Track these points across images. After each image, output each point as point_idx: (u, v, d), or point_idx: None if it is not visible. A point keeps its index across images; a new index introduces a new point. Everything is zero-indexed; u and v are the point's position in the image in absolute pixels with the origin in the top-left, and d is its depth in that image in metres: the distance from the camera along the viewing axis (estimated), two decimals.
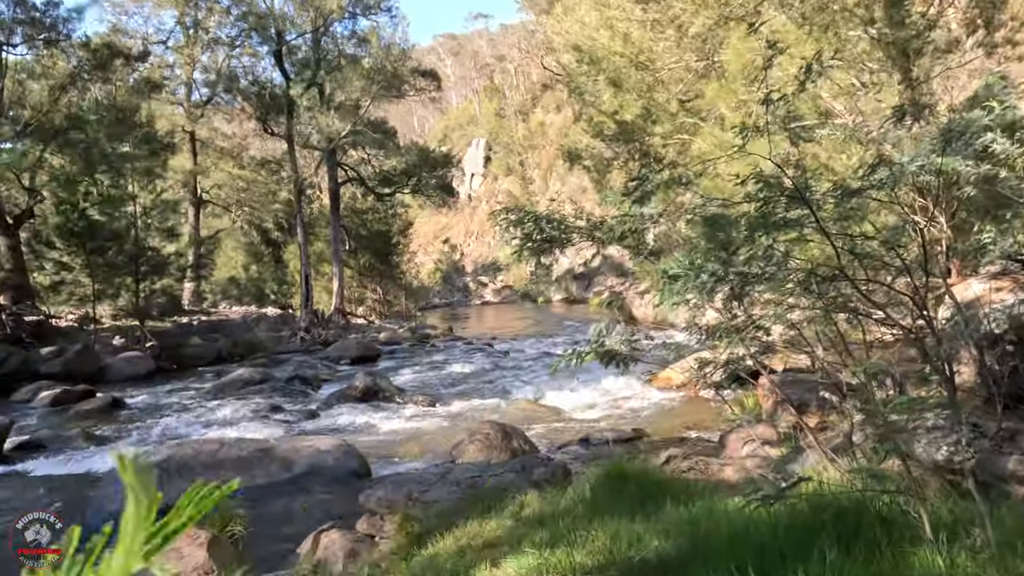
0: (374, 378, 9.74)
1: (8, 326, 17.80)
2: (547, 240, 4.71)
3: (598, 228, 4.60)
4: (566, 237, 4.75)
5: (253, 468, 5.79)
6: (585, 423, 8.01)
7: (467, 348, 19.35)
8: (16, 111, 20.20)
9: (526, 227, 4.58)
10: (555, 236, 4.69)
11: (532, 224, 4.59)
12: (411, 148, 27.52)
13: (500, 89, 72.59)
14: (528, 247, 4.77)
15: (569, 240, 4.82)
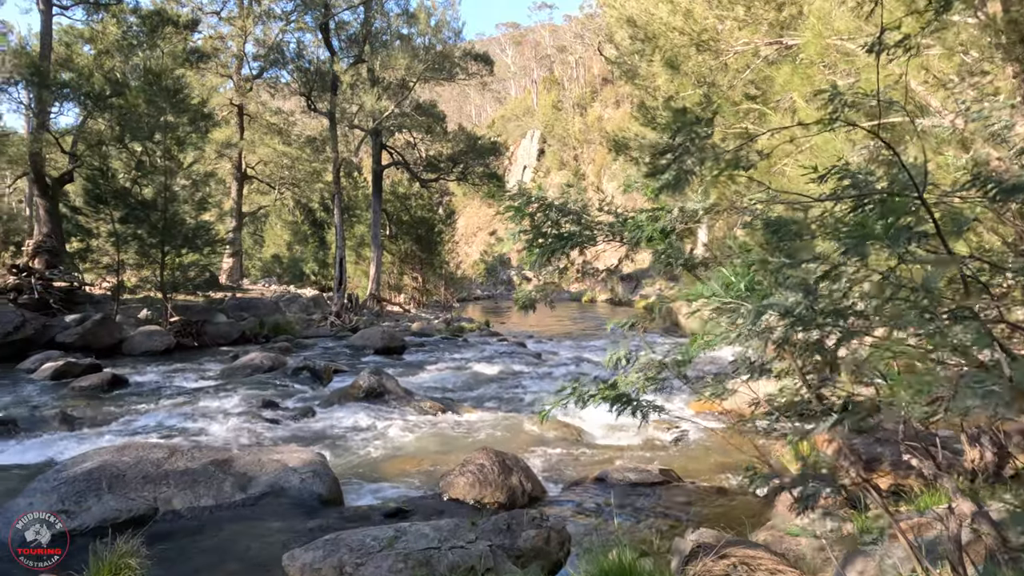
0: (380, 377, 8.80)
1: (36, 291, 17.51)
2: (561, 237, 3.64)
3: (624, 226, 3.51)
4: (588, 235, 3.68)
5: (201, 485, 4.88)
6: (607, 451, 6.91)
7: (499, 346, 18.36)
8: (61, 74, 19.97)
9: (536, 217, 3.53)
10: (572, 233, 3.62)
11: (542, 214, 3.53)
12: (459, 134, 26.59)
13: (559, 81, 71.38)
14: (538, 244, 3.71)
15: (592, 239, 3.75)
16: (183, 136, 16.81)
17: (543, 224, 3.61)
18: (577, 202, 3.67)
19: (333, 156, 22.66)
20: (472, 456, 5.18)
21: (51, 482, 4.62)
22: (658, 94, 11.33)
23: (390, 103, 21.57)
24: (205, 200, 18.87)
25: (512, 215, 3.72)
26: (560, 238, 3.63)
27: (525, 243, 3.79)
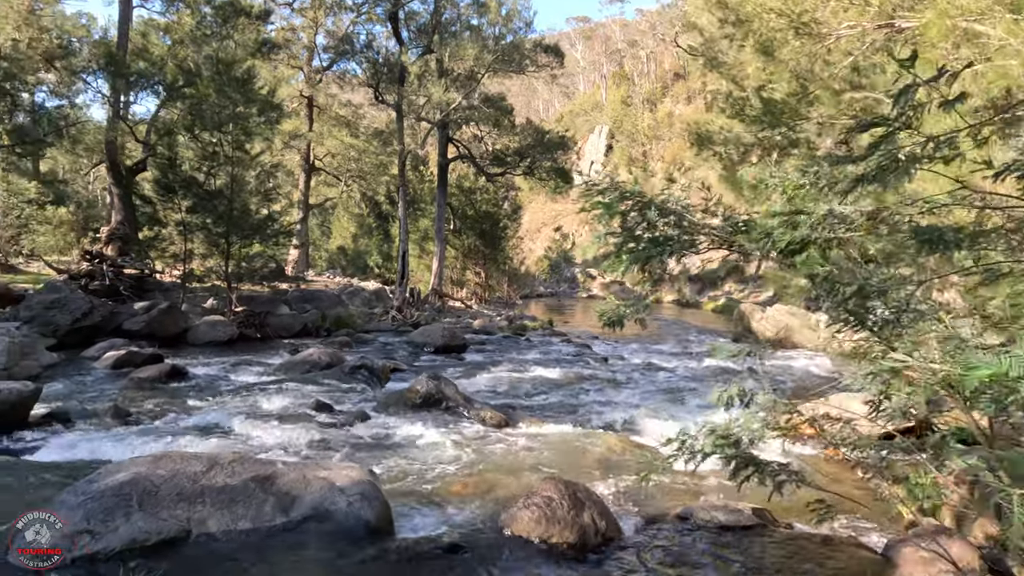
0: (439, 383, 8.28)
1: (107, 277, 17.78)
2: (659, 242, 2.98)
3: (742, 231, 2.82)
4: (688, 239, 3.02)
5: (239, 504, 4.42)
6: (685, 478, 6.19)
7: (563, 347, 17.72)
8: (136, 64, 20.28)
9: (629, 218, 2.88)
10: (672, 237, 2.96)
11: (638, 214, 2.88)
12: (526, 128, 26.00)
13: (629, 76, 70.04)
14: (629, 250, 3.06)
15: (692, 244, 3.08)
16: (252, 126, 16.73)
17: (637, 226, 2.96)
18: (679, 200, 3.01)
19: (399, 149, 22.39)
20: (539, 487, 4.57)
21: (79, 496, 4.24)
22: (746, 83, 10.48)
23: (458, 95, 21.13)
24: (272, 191, 18.83)
25: (600, 213, 3.08)
26: (656, 243, 2.97)
27: (613, 247, 3.15)
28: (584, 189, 2.94)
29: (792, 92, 8.80)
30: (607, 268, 3.44)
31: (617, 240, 2.99)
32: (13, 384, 7.46)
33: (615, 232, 3.17)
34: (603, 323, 3.35)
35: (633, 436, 7.75)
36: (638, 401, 10.39)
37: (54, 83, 22.84)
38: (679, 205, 2.90)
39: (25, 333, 12.06)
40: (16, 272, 20.27)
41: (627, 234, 2.99)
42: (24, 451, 6.51)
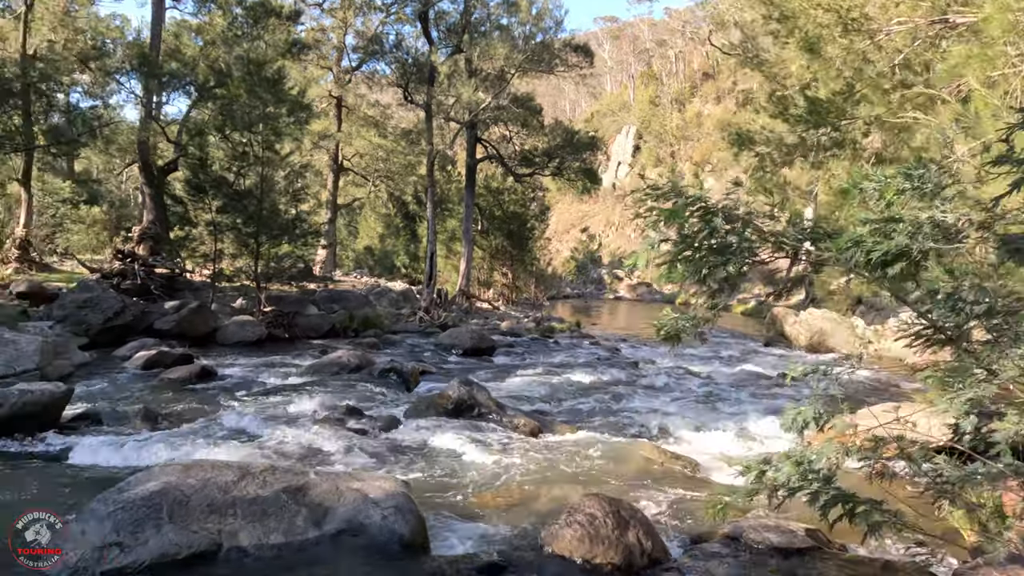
0: (470, 389, 8.12)
1: (139, 276, 17.90)
2: (720, 250, 2.76)
3: (818, 239, 2.59)
4: (748, 247, 2.80)
5: (271, 517, 4.28)
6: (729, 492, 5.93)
7: (592, 350, 17.48)
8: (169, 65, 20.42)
9: (689, 224, 2.67)
10: (730, 245, 2.74)
11: (699, 219, 2.67)
12: (556, 128, 25.77)
13: (657, 76, 69.48)
14: (686, 259, 2.85)
15: (752, 252, 2.86)
16: (282, 127, 16.73)
17: (699, 233, 2.74)
18: (742, 204, 2.79)
19: (428, 149, 22.30)
20: (581, 503, 4.37)
21: (109, 505, 4.12)
22: (789, 82, 10.16)
23: (487, 95, 20.99)
24: (301, 191, 18.83)
25: (656, 220, 2.87)
26: (718, 252, 2.75)
27: (669, 255, 2.93)
28: (640, 194, 2.73)
29: (838, 90, 8.49)
30: (661, 279, 3.22)
31: (675, 249, 2.78)
32: (46, 385, 7.44)
33: (670, 239, 2.96)
34: (661, 337, 3.14)
35: (670, 446, 7.51)
36: (671, 408, 10.14)
37: (88, 84, 23.14)
38: (745, 211, 2.68)
39: (58, 332, 12.13)
40: (51, 271, 20.52)
41: (685, 242, 2.77)
42: (56, 454, 6.46)
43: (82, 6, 24.30)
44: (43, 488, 5.42)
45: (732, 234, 2.62)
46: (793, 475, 2.30)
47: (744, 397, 11.61)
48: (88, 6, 24.74)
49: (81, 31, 23.03)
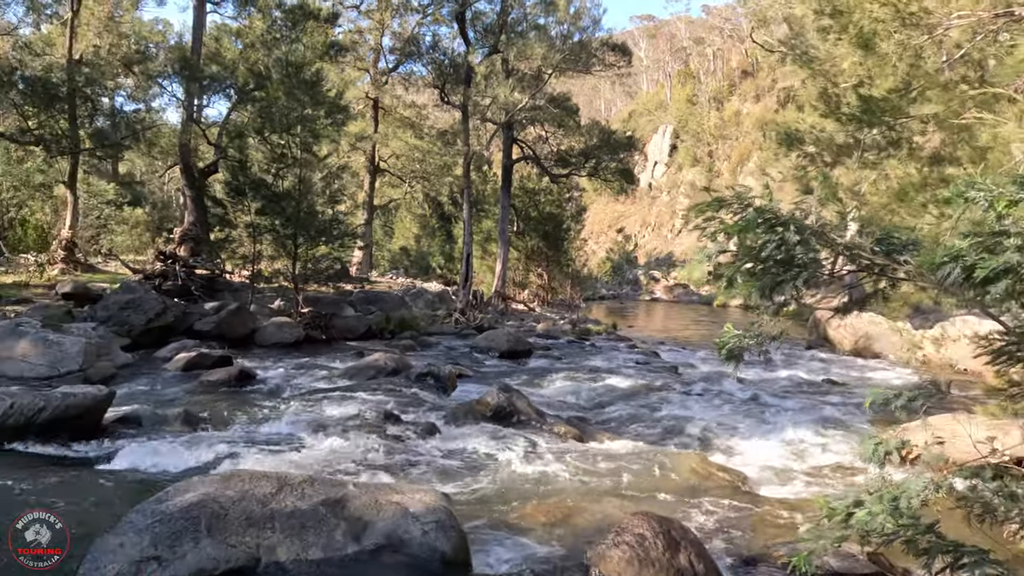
0: (510, 395, 7.97)
1: (180, 277, 18.12)
2: (787, 264, 2.56)
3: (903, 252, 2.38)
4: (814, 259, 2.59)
5: (310, 531, 4.18)
6: (781, 509, 5.70)
7: (630, 354, 17.21)
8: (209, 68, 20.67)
9: (758, 237, 2.47)
10: (798, 258, 2.54)
11: (769, 232, 2.47)
12: (592, 128, 25.51)
13: (695, 74, 68.58)
14: (748, 271, 2.66)
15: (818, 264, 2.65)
16: (320, 128, 16.79)
17: (766, 246, 2.54)
18: (814, 213, 2.58)
19: (464, 150, 22.23)
20: (629, 522, 4.18)
21: (147, 517, 4.06)
22: (840, 80, 9.81)
23: (523, 95, 20.83)
24: (339, 192, 18.89)
25: (715, 231, 2.68)
26: (787, 265, 2.55)
27: (731, 269, 2.74)
28: (698, 203, 2.54)
29: (893, 88, 8.14)
30: (721, 294, 3.02)
31: (738, 262, 2.58)
32: (88, 388, 7.48)
33: (726, 250, 2.76)
34: (723, 358, 2.95)
35: (716, 457, 7.27)
36: (714, 416, 9.87)
37: (132, 88, 23.57)
38: (818, 222, 2.47)
39: (101, 334, 12.29)
40: (95, 271, 20.93)
41: (748, 253, 2.58)
42: (97, 458, 6.47)
43: (126, 11, 24.78)
44: (83, 494, 5.41)
45: (801, 246, 2.42)
46: (885, 519, 2.08)
47: (789, 404, 11.27)
48: (132, 11, 25.22)
49: (125, 36, 23.48)
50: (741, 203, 2.46)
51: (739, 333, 2.85)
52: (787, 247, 2.47)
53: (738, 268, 2.58)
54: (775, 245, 2.48)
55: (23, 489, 5.26)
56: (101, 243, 26.46)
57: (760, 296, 2.54)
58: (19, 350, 10.12)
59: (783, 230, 2.36)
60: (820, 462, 7.40)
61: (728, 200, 2.43)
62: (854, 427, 9.48)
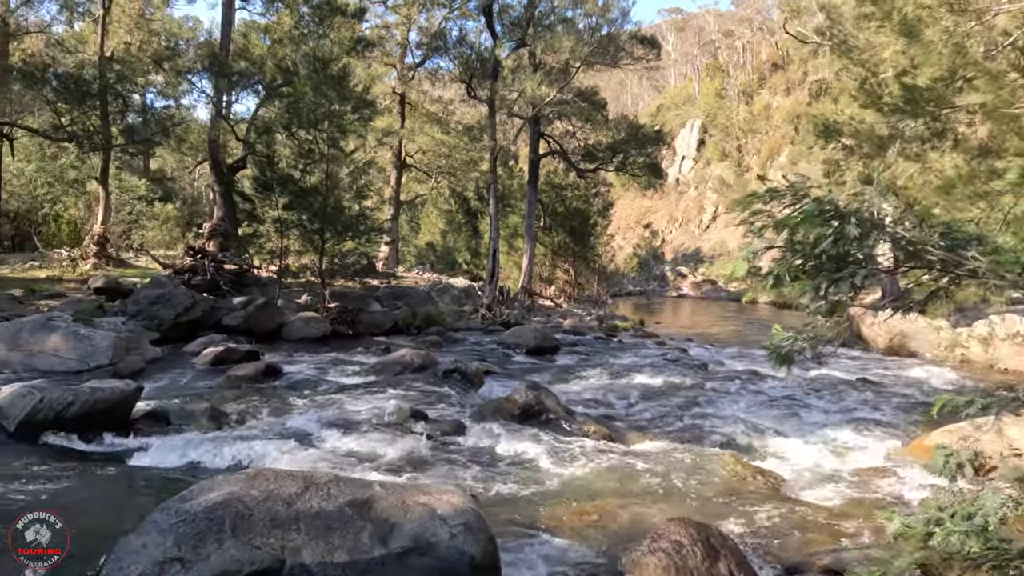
0: (538, 393, 7.83)
1: (209, 272, 18.24)
2: (843, 261, 2.38)
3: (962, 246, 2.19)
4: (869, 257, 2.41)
5: (335, 533, 4.07)
6: (820, 513, 5.48)
7: (658, 351, 16.98)
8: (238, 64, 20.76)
9: (813, 231, 2.29)
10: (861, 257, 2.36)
11: (825, 225, 2.28)
12: (620, 122, 25.23)
13: (723, 68, 67.71)
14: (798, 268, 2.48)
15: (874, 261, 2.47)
16: (347, 124, 16.77)
17: (821, 240, 2.36)
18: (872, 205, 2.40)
19: (491, 144, 22.09)
20: (666, 528, 4.02)
21: (171, 517, 3.98)
22: (881, 69, 9.48)
23: (551, 89, 20.63)
24: (365, 188, 18.87)
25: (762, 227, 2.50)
26: (843, 261, 2.37)
27: (780, 266, 2.55)
28: (749, 195, 2.36)
29: (938, 77, 7.82)
30: (766, 289, 2.83)
31: (788, 258, 2.40)
32: (116, 383, 7.49)
33: (778, 246, 2.58)
34: (774, 363, 2.77)
35: (751, 458, 7.05)
36: (748, 415, 9.62)
37: (162, 84, 23.78)
38: (879, 214, 2.29)
39: (131, 328, 12.39)
40: (127, 266, 21.17)
41: (803, 249, 2.40)
42: (124, 453, 6.46)
43: (157, 9, 25.02)
44: (108, 490, 5.38)
45: (860, 240, 2.23)
46: (970, 540, 1.90)
47: (823, 404, 11.00)
48: (163, 8, 25.46)
49: (155, 33, 23.71)
50: (795, 194, 2.29)
51: (791, 335, 2.66)
52: (845, 241, 2.29)
53: (789, 264, 2.40)
54: (831, 240, 2.30)
55: (50, 484, 5.23)
56: (132, 238, 26.78)
57: (814, 295, 2.36)
58: (50, 344, 10.21)
59: (842, 223, 2.18)
60: (860, 464, 7.15)
61: (781, 191, 2.25)
62: (894, 428, 9.19)
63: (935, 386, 13.49)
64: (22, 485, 5.05)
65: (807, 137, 17.89)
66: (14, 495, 4.80)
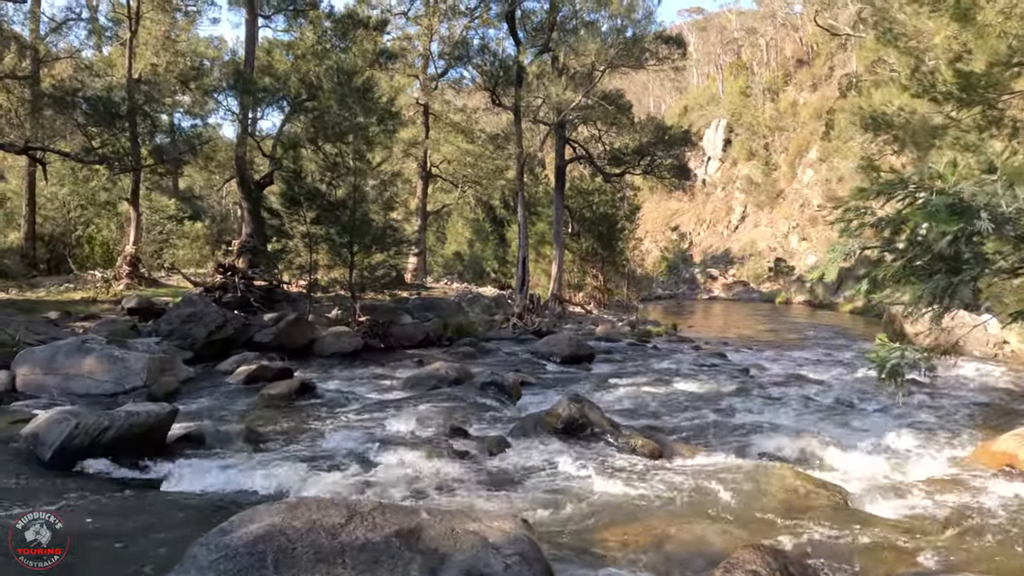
0: (582, 406, 7.53)
1: (239, 289, 18.25)
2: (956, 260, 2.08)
3: None
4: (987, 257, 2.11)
5: (383, 566, 3.83)
6: (889, 529, 5.12)
7: (695, 356, 16.61)
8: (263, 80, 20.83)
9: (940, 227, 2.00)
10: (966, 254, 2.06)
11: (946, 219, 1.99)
12: (647, 124, 24.90)
13: (747, 66, 66.95)
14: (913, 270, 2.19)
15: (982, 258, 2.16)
16: (372, 136, 16.68)
17: (936, 239, 2.06)
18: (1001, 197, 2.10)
19: (517, 152, 21.90)
20: (740, 556, 3.71)
21: (211, 552, 3.78)
22: (929, 56, 9.07)
23: (576, 93, 20.38)
24: (392, 199, 18.78)
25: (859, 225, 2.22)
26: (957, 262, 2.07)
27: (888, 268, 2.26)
28: (859, 191, 2.08)
29: (995, 62, 7.39)
30: (862, 293, 2.54)
31: (906, 257, 2.12)
32: (151, 406, 7.36)
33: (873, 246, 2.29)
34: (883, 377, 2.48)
35: (810, 471, 6.69)
36: (798, 423, 9.25)
37: (188, 104, 23.97)
38: (1010, 206, 1.99)
39: (164, 348, 12.34)
40: (158, 285, 21.30)
41: (916, 249, 2.11)
42: (161, 479, 6.29)
43: (182, 30, 25.28)
44: (148, 519, 5.20)
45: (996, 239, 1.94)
46: None
47: (875, 408, 10.57)
48: (188, 30, 25.72)
49: (181, 54, 23.92)
50: (918, 187, 2.00)
51: (899, 347, 2.37)
52: (964, 239, 2.00)
53: (900, 264, 2.11)
54: (951, 238, 2.00)
55: (90, 515, 5.07)
56: (163, 257, 27.02)
57: (931, 299, 2.07)
58: (86, 367, 10.15)
59: (968, 218, 1.89)
60: (926, 474, 6.75)
61: (897, 184, 1.97)
62: (954, 433, 8.76)
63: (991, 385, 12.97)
64: (62, 516, 4.88)
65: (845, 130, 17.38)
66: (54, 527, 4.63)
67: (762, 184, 55.45)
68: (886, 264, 2.20)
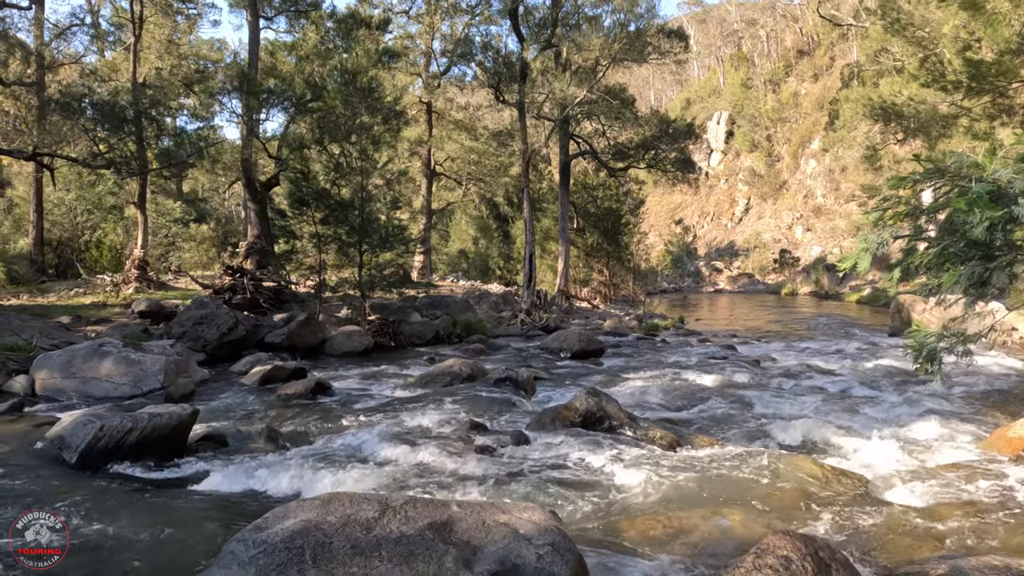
0: (599, 399, 7.59)
1: (248, 290, 18.33)
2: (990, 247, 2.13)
3: None
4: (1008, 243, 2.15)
5: (418, 559, 3.90)
6: (913, 515, 5.17)
7: (704, 349, 16.65)
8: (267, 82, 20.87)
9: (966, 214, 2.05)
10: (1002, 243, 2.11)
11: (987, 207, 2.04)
12: (650, 118, 24.89)
13: (748, 57, 66.80)
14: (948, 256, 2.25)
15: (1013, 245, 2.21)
16: (377, 135, 16.73)
17: (970, 228, 2.12)
18: None
19: (522, 148, 21.91)
20: (771, 543, 3.76)
21: (249, 548, 3.85)
22: (938, 46, 9.08)
23: (580, 88, 20.40)
24: (398, 198, 18.83)
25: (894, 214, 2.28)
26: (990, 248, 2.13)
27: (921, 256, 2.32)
28: (897, 179, 2.13)
29: (1007, 49, 7.40)
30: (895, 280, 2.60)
31: (942, 244, 2.17)
32: (173, 408, 7.42)
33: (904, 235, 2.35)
34: (919, 363, 2.53)
35: (828, 459, 6.75)
36: (811, 412, 9.29)
37: (193, 107, 24.04)
38: None
39: (178, 350, 12.41)
40: (167, 288, 21.39)
41: (955, 236, 2.16)
42: (186, 480, 6.37)
43: (185, 33, 25.33)
44: (178, 520, 5.26)
45: None
46: None
47: (886, 396, 10.61)
48: (190, 33, 25.77)
49: (185, 57, 23.99)
50: (943, 176, 2.05)
51: (934, 334, 2.42)
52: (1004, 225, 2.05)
53: (935, 253, 2.16)
54: (987, 225, 2.06)
55: (119, 518, 5.13)
56: (170, 260, 27.12)
57: (968, 286, 2.12)
58: (103, 370, 10.24)
59: (1014, 205, 1.94)
60: (944, 460, 6.80)
61: (931, 172, 2.02)
62: (969, 420, 8.80)
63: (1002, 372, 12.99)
64: (93, 519, 4.96)
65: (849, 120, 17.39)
66: (84, 531, 4.71)
67: (765, 175, 55.41)
68: (920, 252, 2.24)
